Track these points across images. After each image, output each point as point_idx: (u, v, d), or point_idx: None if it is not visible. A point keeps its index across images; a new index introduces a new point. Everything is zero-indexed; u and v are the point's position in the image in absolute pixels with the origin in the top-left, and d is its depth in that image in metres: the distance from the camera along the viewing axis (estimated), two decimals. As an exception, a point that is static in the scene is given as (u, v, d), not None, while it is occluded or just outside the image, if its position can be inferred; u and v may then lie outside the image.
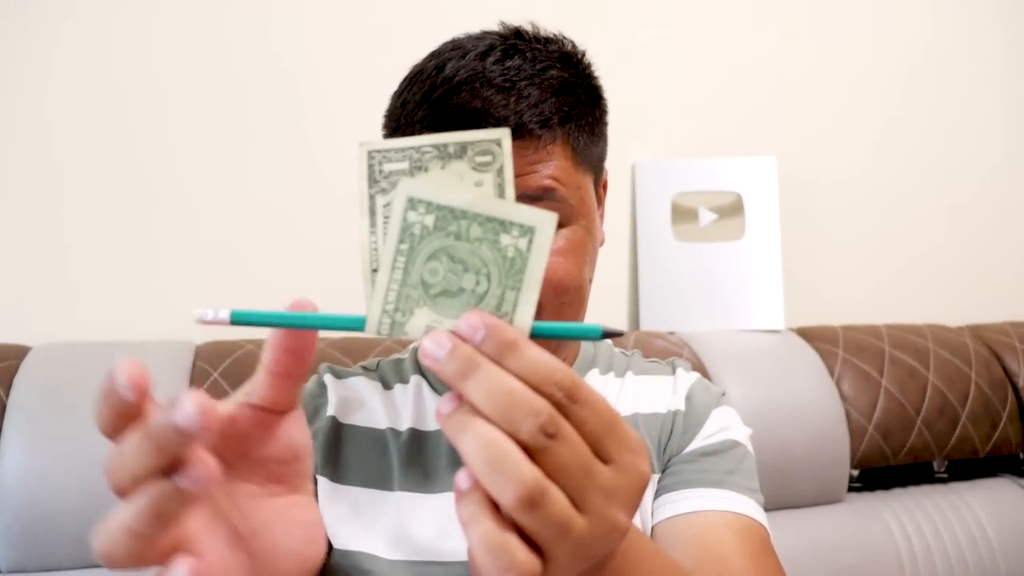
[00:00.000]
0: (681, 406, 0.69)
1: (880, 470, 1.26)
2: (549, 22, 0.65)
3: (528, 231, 0.32)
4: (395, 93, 0.65)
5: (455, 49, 0.62)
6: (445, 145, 0.32)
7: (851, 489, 1.25)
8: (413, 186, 0.32)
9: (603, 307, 1.36)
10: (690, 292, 1.34)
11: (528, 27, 0.65)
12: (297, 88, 1.22)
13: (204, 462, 0.28)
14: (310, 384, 0.72)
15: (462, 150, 0.32)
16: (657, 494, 0.65)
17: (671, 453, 0.67)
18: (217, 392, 0.98)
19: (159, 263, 1.17)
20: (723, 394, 0.72)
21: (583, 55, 0.65)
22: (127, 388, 0.28)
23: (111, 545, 0.29)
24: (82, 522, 0.91)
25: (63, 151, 1.13)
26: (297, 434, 0.36)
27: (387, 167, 0.33)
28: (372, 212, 0.33)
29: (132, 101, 1.16)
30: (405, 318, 0.32)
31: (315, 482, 0.65)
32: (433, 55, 0.63)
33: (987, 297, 1.58)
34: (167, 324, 1.15)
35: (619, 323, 1.37)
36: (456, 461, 0.66)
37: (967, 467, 1.30)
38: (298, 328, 0.33)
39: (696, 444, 0.66)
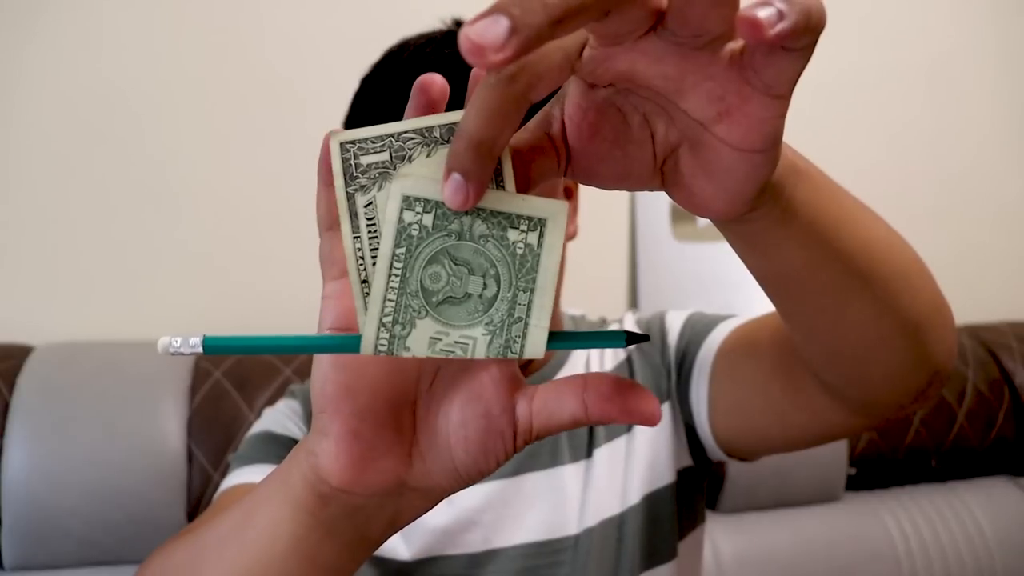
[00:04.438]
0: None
1: (878, 465, 1.27)
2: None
3: (538, 224, 0.28)
4: (352, 100, 0.64)
5: (406, 44, 0.62)
6: (430, 129, 0.28)
7: (848, 487, 1.25)
8: (408, 184, 0.28)
9: (602, 307, 1.36)
10: (689, 292, 1.34)
11: None
12: (298, 88, 1.22)
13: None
14: (297, 404, 0.72)
15: (449, 132, 0.28)
16: (681, 388, 0.68)
17: (664, 366, 0.71)
18: (218, 391, 0.99)
19: (162, 262, 1.17)
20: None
21: None
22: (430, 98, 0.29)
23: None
24: (84, 521, 0.92)
25: (65, 151, 1.14)
26: None
27: (364, 160, 0.28)
28: (353, 215, 0.28)
29: (135, 99, 1.16)
30: (406, 331, 0.29)
31: None
32: (386, 54, 0.64)
33: (985, 297, 1.58)
34: (169, 323, 1.16)
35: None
36: None
37: (963, 465, 1.31)
38: (282, 353, 0.32)
39: (675, 343, 0.71)
